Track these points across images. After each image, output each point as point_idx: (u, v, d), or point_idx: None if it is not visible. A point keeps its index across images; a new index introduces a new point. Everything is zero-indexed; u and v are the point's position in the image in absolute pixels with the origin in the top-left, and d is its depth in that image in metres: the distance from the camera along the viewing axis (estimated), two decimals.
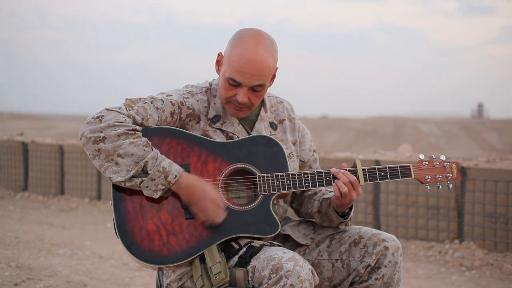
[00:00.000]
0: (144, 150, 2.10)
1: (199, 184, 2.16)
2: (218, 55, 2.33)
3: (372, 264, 2.27)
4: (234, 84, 2.23)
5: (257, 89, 2.24)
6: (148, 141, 2.13)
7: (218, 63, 2.33)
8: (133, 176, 2.09)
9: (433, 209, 5.46)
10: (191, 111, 2.30)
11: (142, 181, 2.10)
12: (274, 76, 2.32)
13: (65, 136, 22.58)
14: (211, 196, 2.16)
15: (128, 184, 2.10)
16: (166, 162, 2.12)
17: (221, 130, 2.32)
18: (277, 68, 2.30)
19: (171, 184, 2.12)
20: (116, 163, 2.09)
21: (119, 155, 2.09)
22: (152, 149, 2.12)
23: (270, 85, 2.33)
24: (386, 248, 2.27)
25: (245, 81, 2.21)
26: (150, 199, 2.17)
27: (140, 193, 2.16)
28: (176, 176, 2.12)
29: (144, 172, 2.10)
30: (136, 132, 2.13)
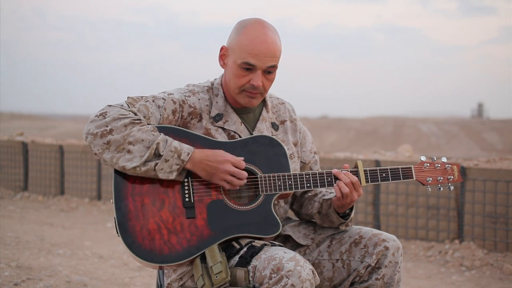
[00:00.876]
0: (153, 134, 2.13)
1: (211, 153, 2.18)
2: (222, 48, 2.33)
3: (373, 264, 2.27)
4: (248, 68, 2.24)
5: (270, 70, 2.26)
6: (155, 127, 2.15)
7: (223, 57, 2.33)
8: (147, 161, 2.11)
9: (433, 209, 5.46)
10: (192, 109, 2.30)
11: (156, 164, 2.11)
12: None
13: (65, 136, 22.58)
14: (227, 158, 2.17)
15: (143, 169, 2.11)
16: (176, 143, 2.14)
17: (223, 128, 2.33)
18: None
19: (185, 162, 2.14)
20: (128, 151, 2.11)
21: (130, 143, 2.11)
22: (160, 133, 2.15)
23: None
24: (387, 248, 2.27)
25: (260, 63, 2.22)
26: (151, 198, 2.17)
27: (141, 191, 2.17)
28: (188, 153, 2.14)
29: (156, 155, 2.12)
30: (142, 121, 2.16)
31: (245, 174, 2.19)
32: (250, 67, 2.24)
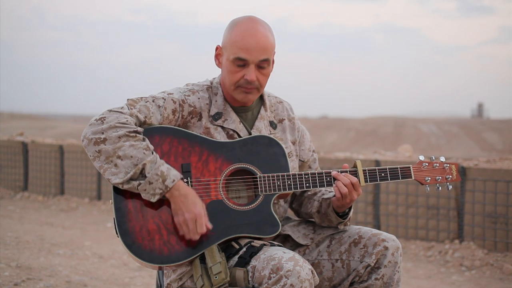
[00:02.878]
0: (144, 153, 2.09)
1: (192, 197, 2.14)
2: (217, 48, 2.35)
3: (372, 264, 2.27)
4: (240, 64, 2.24)
5: (263, 65, 2.26)
6: (150, 145, 2.12)
7: (218, 56, 2.35)
8: (131, 179, 2.09)
9: (433, 209, 5.46)
10: (192, 108, 2.30)
11: (139, 184, 2.09)
12: (273, 61, 2.34)
13: (65, 136, 22.59)
14: (199, 212, 2.13)
15: (126, 186, 2.10)
16: (164, 167, 2.11)
17: (222, 127, 2.33)
18: (275, 53, 2.33)
19: (168, 189, 2.10)
20: (115, 165, 2.09)
21: (119, 157, 2.08)
22: (152, 153, 2.12)
23: (271, 70, 2.34)
24: (386, 248, 2.27)
25: (251, 57, 2.23)
26: None
27: None
28: (174, 180, 2.11)
29: (142, 175, 2.09)
30: (137, 134, 2.13)
31: (197, 237, 2.13)
32: (242, 62, 2.24)
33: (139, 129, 2.15)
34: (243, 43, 2.22)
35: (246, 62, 2.24)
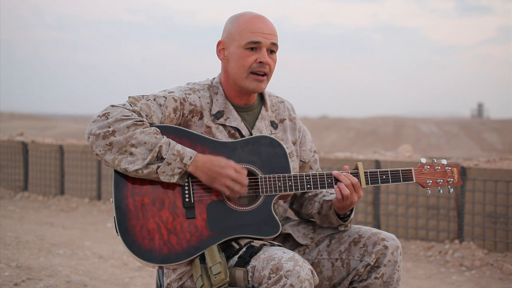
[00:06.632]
0: (155, 137, 2.13)
1: (215, 157, 2.19)
2: (219, 44, 2.36)
3: (372, 263, 2.27)
4: (254, 46, 2.28)
5: (273, 48, 2.31)
6: (157, 129, 2.16)
7: (221, 51, 2.36)
8: (149, 163, 2.11)
9: (433, 209, 5.46)
10: (193, 107, 2.31)
11: (158, 167, 2.11)
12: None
13: (65, 136, 22.60)
14: (230, 164, 2.18)
15: (145, 172, 2.11)
16: (179, 146, 2.15)
17: (224, 126, 2.33)
18: None
19: (187, 166, 2.13)
20: (131, 153, 2.11)
21: (132, 145, 2.11)
22: (163, 136, 2.15)
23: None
24: (386, 247, 2.27)
25: (264, 39, 2.28)
26: (151, 198, 2.17)
27: (141, 191, 2.17)
28: (191, 157, 2.14)
29: (158, 158, 2.12)
30: (144, 122, 2.16)
31: (247, 180, 2.19)
32: (255, 45, 2.28)
33: (145, 119, 2.18)
34: (255, 27, 2.28)
35: (259, 45, 2.28)
